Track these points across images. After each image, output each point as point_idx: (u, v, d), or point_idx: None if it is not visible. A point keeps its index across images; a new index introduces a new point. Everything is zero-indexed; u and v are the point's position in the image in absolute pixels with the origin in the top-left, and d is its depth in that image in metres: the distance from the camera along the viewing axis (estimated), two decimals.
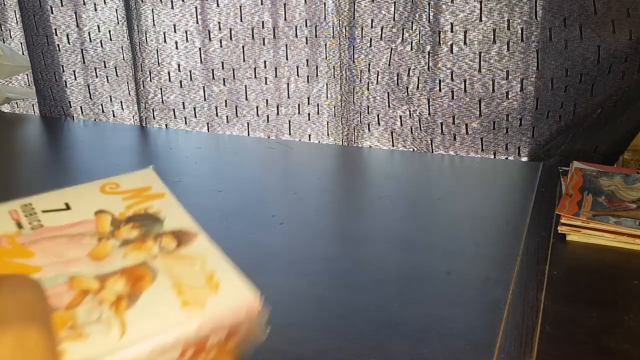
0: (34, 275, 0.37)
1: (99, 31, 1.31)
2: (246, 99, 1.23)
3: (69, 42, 1.34)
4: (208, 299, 0.35)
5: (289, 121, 1.22)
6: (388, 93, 1.11)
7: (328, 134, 1.20)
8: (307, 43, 1.16)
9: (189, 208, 0.42)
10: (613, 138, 1.00)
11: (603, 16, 0.93)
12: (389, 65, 1.09)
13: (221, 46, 1.21)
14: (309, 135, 1.21)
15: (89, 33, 1.32)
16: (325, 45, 1.15)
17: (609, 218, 0.69)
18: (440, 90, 1.06)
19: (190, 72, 1.25)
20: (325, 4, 1.12)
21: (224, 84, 1.24)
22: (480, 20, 1.00)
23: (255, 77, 1.22)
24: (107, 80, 1.34)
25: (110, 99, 1.35)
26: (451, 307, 0.55)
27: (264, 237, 0.74)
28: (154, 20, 1.23)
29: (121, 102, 1.34)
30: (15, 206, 0.41)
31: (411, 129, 1.11)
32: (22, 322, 0.32)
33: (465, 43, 1.02)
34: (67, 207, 0.42)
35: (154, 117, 1.30)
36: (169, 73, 1.26)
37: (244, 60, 1.21)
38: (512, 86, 1.02)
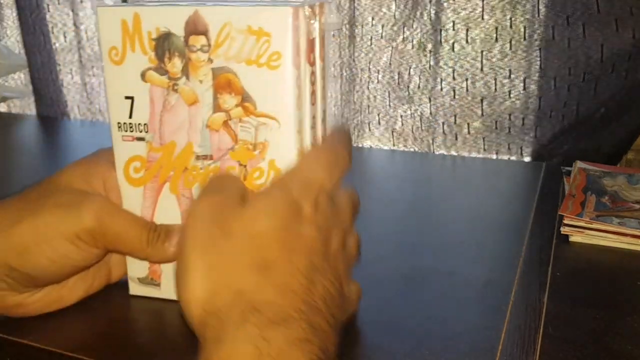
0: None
1: (96, 29, 1.30)
2: None
3: (65, 41, 1.33)
4: None
5: None
6: (389, 92, 1.10)
7: None
8: None
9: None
10: (616, 138, 0.99)
11: (606, 15, 0.92)
12: (390, 64, 1.08)
13: None
14: None
15: (86, 31, 1.31)
16: None
17: (612, 219, 0.68)
18: (441, 89, 1.05)
19: None
20: None
21: None
22: (482, 18, 0.99)
23: None
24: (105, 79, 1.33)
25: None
26: (452, 308, 0.54)
27: None
28: None
29: None
30: None
31: (412, 128, 1.10)
32: None
33: (467, 41, 1.01)
34: None
35: None
36: None
37: None
38: (515, 85, 1.01)
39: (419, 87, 1.07)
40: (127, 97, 0.44)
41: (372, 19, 1.07)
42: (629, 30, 0.92)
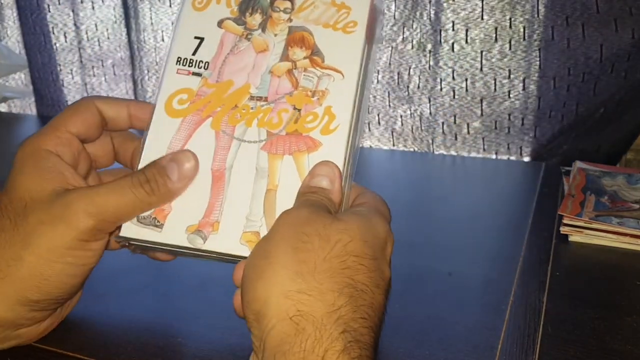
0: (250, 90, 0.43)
1: (97, 30, 1.30)
2: None
3: (66, 41, 1.33)
4: None
5: None
6: (388, 92, 1.10)
7: None
8: None
9: None
10: (616, 138, 0.99)
11: (605, 15, 0.92)
12: (390, 64, 1.08)
13: None
14: None
15: (87, 31, 1.31)
16: None
17: (611, 218, 0.68)
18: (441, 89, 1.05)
19: None
20: None
21: None
22: (482, 18, 0.99)
23: None
24: (105, 79, 1.33)
25: None
26: (452, 308, 0.54)
27: None
28: (151, 19, 1.22)
29: None
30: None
31: (412, 128, 1.10)
32: None
33: (466, 42, 1.01)
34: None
35: None
36: None
37: None
38: (514, 85, 1.01)
39: (418, 87, 1.07)
40: (196, 37, 0.45)
41: None
42: (629, 30, 0.92)
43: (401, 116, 1.10)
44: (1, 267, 0.40)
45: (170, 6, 1.21)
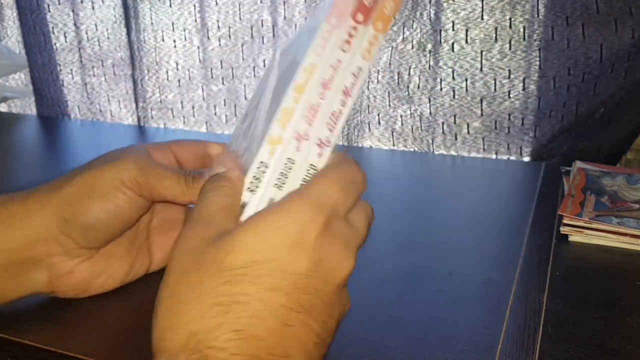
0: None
1: (97, 29, 1.30)
2: (245, 99, 1.22)
3: (66, 41, 1.33)
4: None
5: None
6: (388, 92, 1.10)
7: None
8: None
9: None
10: (616, 138, 0.99)
11: (605, 15, 0.92)
12: (390, 64, 1.08)
13: (220, 45, 1.20)
14: None
15: (87, 31, 1.31)
16: None
17: (611, 218, 0.68)
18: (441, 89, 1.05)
19: (188, 70, 1.24)
20: (325, 1, 1.11)
21: (223, 83, 1.23)
22: (482, 18, 0.99)
23: (254, 76, 1.21)
24: (105, 79, 1.33)
25: (108, 98, 1.34)
26: (452, 308, 0.54)
27: None
28: (152, 19, 1.22)
29: (119, 101, 1.33)
30: None
31: (412, 128, 1.10)
32: None
33: (466, 42, 1.01)
34: None
35: (152, 117, 1.29)
36: (167, 72, 1.25)
37: (243, 59, 1.20)
38: (514, 85, 1.01)
39: (418, 87, 1.07)
40: None
41: None
42: (628, 30, 0.92)
43: (401, 116, 1.10)
44: (54, 187, 0.47)
45: (170, 6, 1.21)
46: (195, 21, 1.20)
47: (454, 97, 1.05)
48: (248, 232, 0.33)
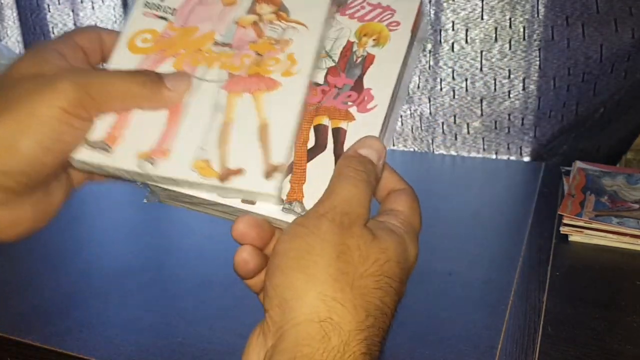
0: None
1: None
2: None
3: None
4: None
5: None
6: None
7: None
8: None
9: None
10: (616, 138, 0.99)
11: (605, 15, 0.92)
12: None
13: None
14: None
15: None
16: None
17: (611, 218, 0.68)
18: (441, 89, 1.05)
19: None
20: None
21: None
22: (482, 18, 0.99)
23: None
24: None
25: None
26: (452, 308, 0.54)
27: None
28: None
29: None
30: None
31: (412, 128, 1.10)
32: None
33: (466, 41, 1.01)
34: None
35: None
36: None
37: None
38: (514, 85, 1.01)
39: (418, 87, 1.07)
40: None
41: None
42: (628, 30, 0.92)
43: (401, 116, 1.10)
44: None
45: None
46: None
47: (454, 97, 1.05)
48: (398, 248, 0.36)
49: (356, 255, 0.34)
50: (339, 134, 0.41)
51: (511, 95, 1.02)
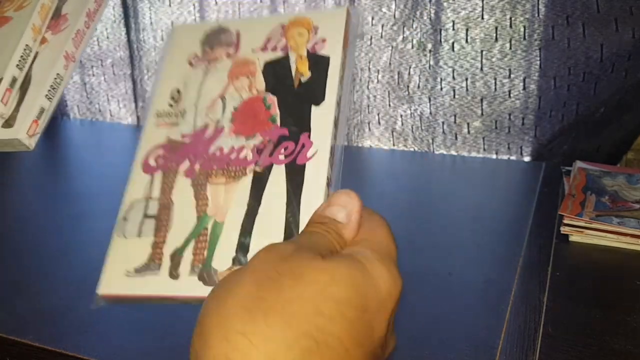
0: None
1: (96, 29, 1.30)
2: None
3: None
4: None
5: None
6: (389, 92, 1.10)
7: None
8: None
9: None
10: (616, 137, 0.99)
11: (606, 14, 0.92)
12: (390, 64, 1.08)
13: None
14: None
15: None
16: None
17: (612, 218, 0.68)
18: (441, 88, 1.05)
19: None
20: (325, 0, 1.11)
21: None
22: (482, 18, 0.99)
23: None
24: (104, 78, 1.33)
25: (108, 98, 1.34)
26: (452, 308, 0.54)
27: None
28: (151, 18, 1.22)
29: (118, 100, 1.33)
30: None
31: (412, 128, 1.10)
32: None
33: (467, 41, 1.01)
34: None
35: None
36: None
37: None
38: (515, 85, 1.01)
39: (418, 86, 1.07)
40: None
41: (372, 18, 1.07)
42: (629, 30, 0.92)
43: (401, 116, 1.10)
44: None
45: (169, 5, 1.20)
46: (195, 20, 1.20)
47: (454, 96, 1.05)
48: (354, 269, 0.31)
49: (286, 280, 0.29)
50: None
51: (511, 95, 1.02)
